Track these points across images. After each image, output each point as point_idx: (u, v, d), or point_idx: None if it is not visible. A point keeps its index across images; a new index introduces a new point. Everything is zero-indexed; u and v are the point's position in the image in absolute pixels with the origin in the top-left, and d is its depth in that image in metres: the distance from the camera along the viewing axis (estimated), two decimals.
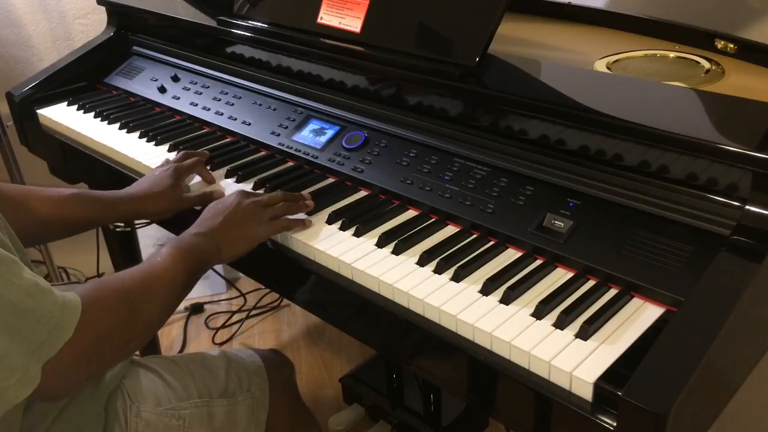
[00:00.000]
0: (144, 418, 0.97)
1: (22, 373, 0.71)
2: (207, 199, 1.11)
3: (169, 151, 1.31)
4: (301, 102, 1.29)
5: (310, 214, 1.06)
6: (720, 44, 1.16)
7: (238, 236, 0.98)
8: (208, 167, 1.22)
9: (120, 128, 1.41)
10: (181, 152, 1.21)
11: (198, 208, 1.12)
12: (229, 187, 1.17)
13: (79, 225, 1.08)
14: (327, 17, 1.23)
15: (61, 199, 1.05)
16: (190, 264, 0.91)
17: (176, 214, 1.13)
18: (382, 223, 1.02)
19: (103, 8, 1.68)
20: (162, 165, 1.19)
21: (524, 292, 0.86)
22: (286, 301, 2.27)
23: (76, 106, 1.52)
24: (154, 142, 1.34)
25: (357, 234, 1.00)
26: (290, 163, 1.22)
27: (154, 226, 1.60)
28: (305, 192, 1.09)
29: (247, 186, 1.16)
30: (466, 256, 0.92)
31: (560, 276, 0.89)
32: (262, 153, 1.26)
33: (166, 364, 1.06)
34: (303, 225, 1.03)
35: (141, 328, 0.84)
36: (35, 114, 1.54)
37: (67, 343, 0.73)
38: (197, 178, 1.20)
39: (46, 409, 0.89)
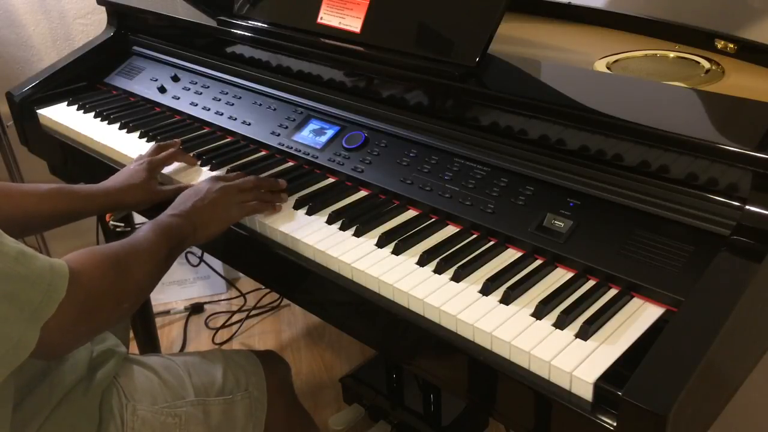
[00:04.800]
0: (140, 417, 0.97)
1: (20, 336, 0.73)
2: (181, 188, 1.13)
3: None
4: (301, 102, 1.29)
5: (310, 213, 1.06)
6: (720, 44, 1.16)
7: (211, 218, 1.02)
8: (199, 163, 1.24)
9: (120, 128, 1.41)
10: (154, 146, 1.24)
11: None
12: None
13: (61, 218, 1.10)
14: (327, 17, 1.23)
15: (42, 194, 1.07)
16: (169, 241, 0.95)
17: (153, 205, 1.15)
18: (382, 223, 1.02)
19: (103, 8, 1.68)
20: (136, 160, 1.21)
21: (524, 292, 0.86)
22: (286, 301, 2.27)
23: (76, 106, 1.52)
24: (153, 142, 1.33)
25: (357, 234, 1.00)
26: (290, 163, 1.22)
27: None
28: (281, 180, 1.11)
29: None
30: (466, 256, 0.92)
31: (560, 276, 0.89)
32: (262, 153, 1.26)
33: (162, 362, 1.06)
34: (274, 209, 1.06)
35: (131, 289, 0.89)
36: (35, 114, 1.54)
37: (63, 302, 0.76)
38: (174, 165, 1.23)
39: (38, 408, 0.89)
